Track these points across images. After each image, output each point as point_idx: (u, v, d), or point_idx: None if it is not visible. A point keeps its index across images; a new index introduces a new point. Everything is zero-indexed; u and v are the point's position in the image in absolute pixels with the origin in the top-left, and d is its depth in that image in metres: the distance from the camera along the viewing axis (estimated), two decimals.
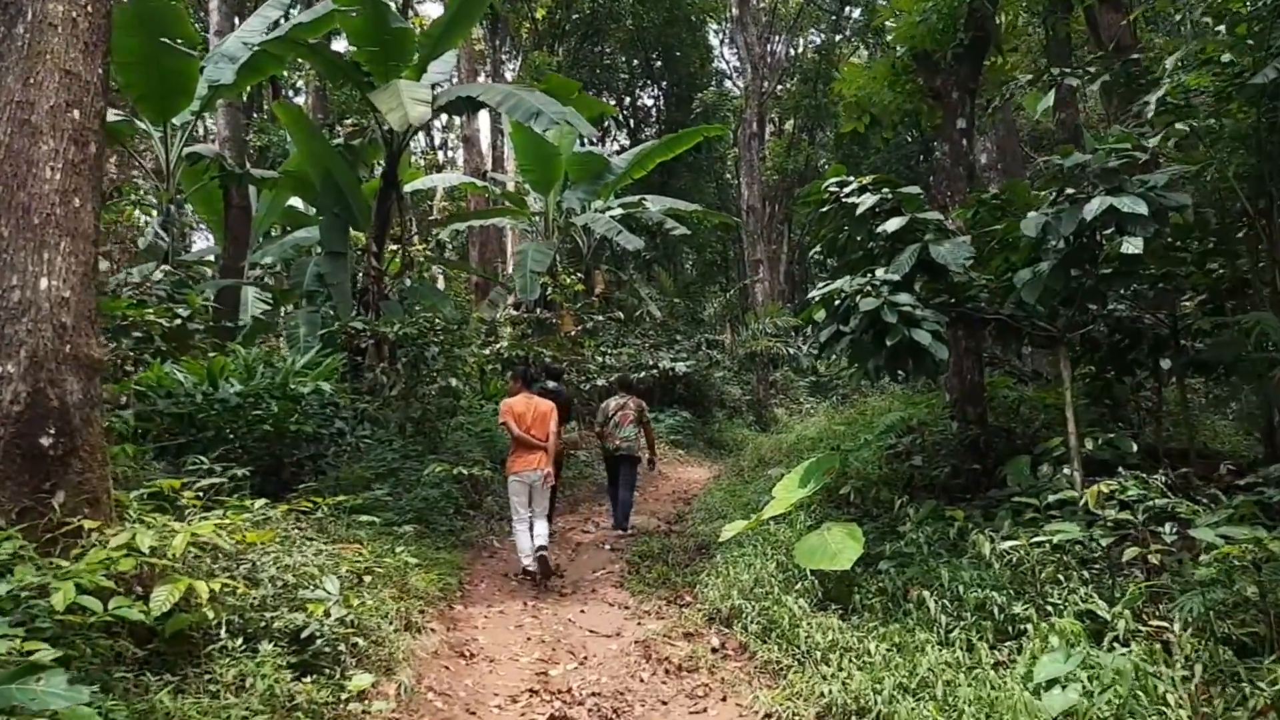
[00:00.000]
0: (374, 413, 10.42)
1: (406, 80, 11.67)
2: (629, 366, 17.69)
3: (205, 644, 4.34)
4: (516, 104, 11.21)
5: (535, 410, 8.81)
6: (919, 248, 6.96)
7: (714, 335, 22.05)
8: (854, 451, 9.75)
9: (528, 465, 8.61)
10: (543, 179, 17.88)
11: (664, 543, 9.53)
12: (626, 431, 10.34)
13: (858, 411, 12.85)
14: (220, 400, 7.79)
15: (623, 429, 10.35)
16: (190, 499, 5.14)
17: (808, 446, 11.77)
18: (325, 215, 12.70)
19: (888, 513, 8.32)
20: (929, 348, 6.53)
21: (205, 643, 4.35)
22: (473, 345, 12.91)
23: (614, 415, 10.45)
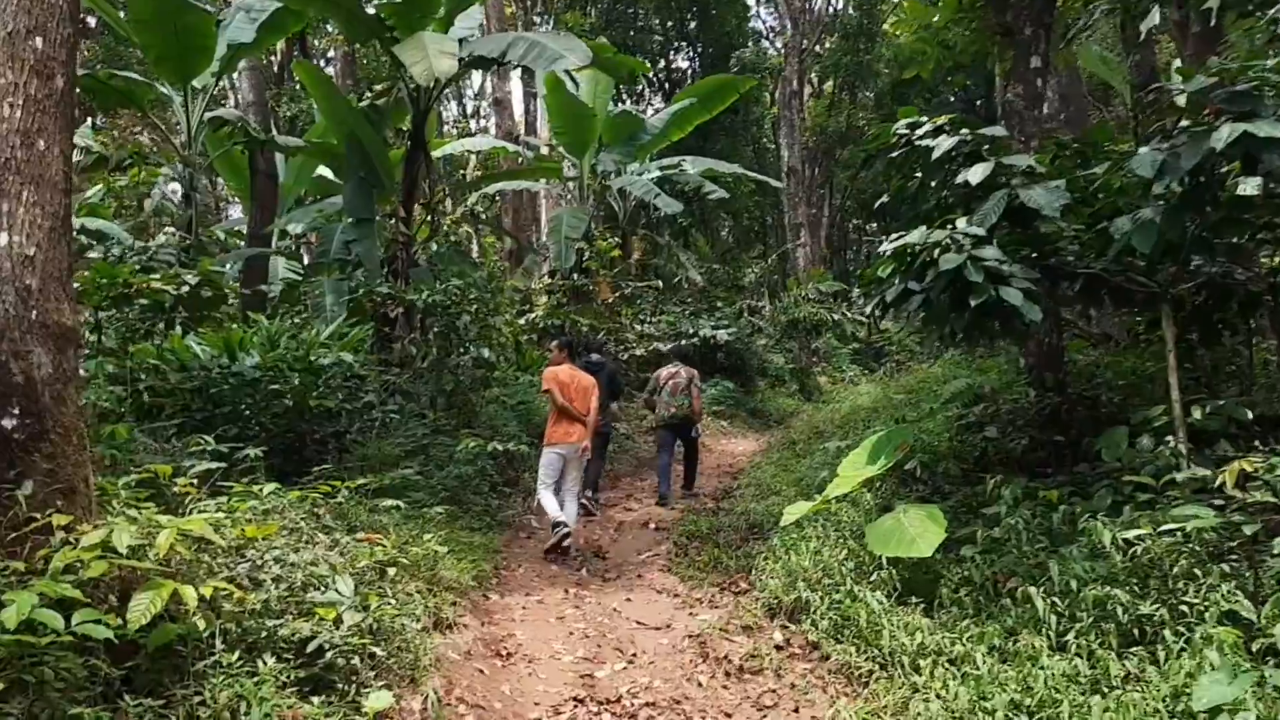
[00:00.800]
0: (404, 385, 9.74)
1: (432, 33, 10.89)
2: (668, 335, 16.94)
3: (196, 659, 3.66)
4: (540, 53, 10.35)
5: (578, 382, 8.47)
6: (1005, 194, 6.12)
7: (755, 302, 21.16)
8: (918, 422, 8.94)
9: (567, 437, 8.24)
10: (577, 141, 17.05)
11: (713, 521, 8.79)
12: (679, 399, 10.22)
13: (916, 380, 11.99)
14: (236, 374, 7.12)
15: (675, 396, 10.23)
16: (185, 486, 4.44)
17: (864, 417, 10.96)
18: (350, 180, 11.99)
19: (959, 490, 7.56)
20: (1020, 309, 5.69)
21: (196, 658, 3.66)
22: (507, 314, 12.17)
23: (665, 384, 10.34)
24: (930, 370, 12.13)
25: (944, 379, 10.89)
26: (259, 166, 14.51)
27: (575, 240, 15.45)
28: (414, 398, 9.96)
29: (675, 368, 10.54)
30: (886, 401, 11.21)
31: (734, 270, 22.00)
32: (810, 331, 21.27)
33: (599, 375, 9.62)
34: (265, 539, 4.33)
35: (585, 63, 10.26)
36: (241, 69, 14.90)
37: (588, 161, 17.65)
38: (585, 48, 10.57)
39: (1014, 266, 6.00)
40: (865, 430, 9.87)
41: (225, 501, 4.76)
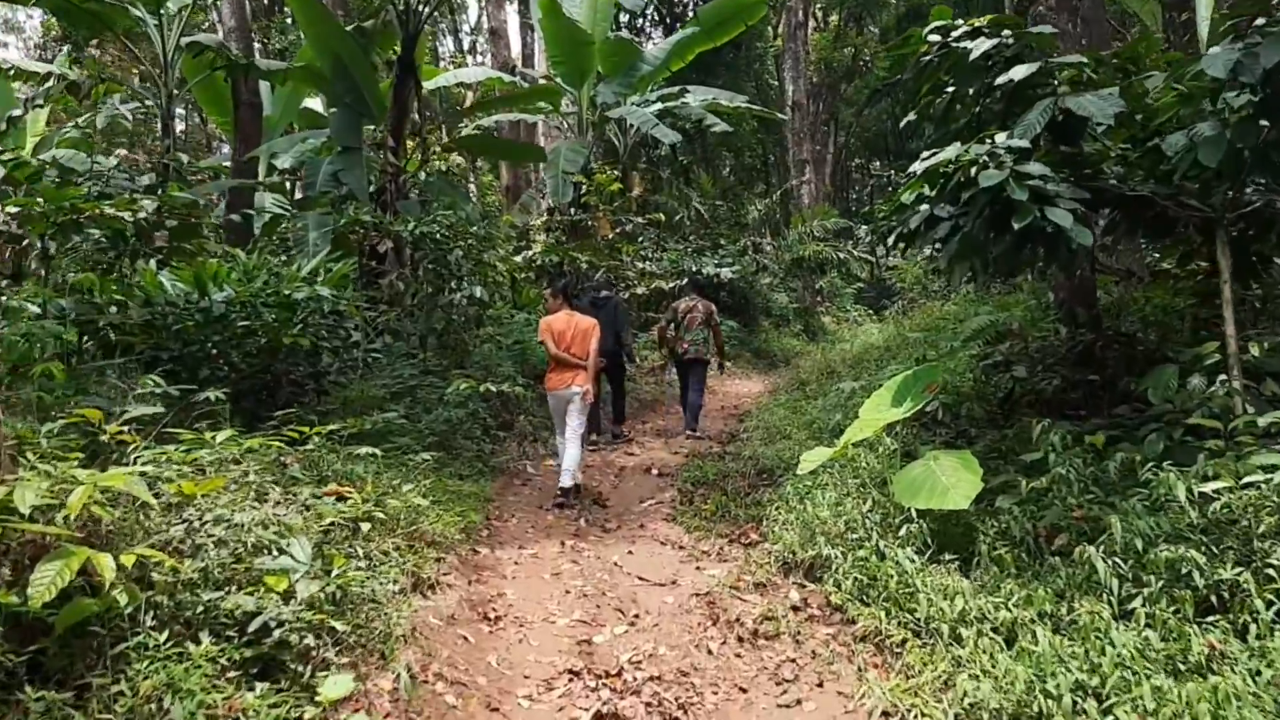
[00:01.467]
0: (392, 324, 9.08)
1: None
2: (670, 272, 16.22)
3: (117, 641, 3.04)
4: None
5: (576, 327, 8.02)
6: (1051, 103, 5.38)
7: (759, 239, 20.38)
8: (939, 361, 8.29)
9: (563, 383, 7.85)
10: (574, 70, 16.16)
11: (719, 467, 8.17)
12: (695, 334, 9.87)
13: (931, 317, 11.30)
14: (203, 310, 6.44)
15: (691, 331, 9.87)
16: (114, 433, 3.79)
17: (877, 357, 10.30)
18: (336, 107, 11.20)
19: (985, 433, 6.94)
20: (1069, 232, 5.00)
21: (117, 639, 3.05)
22: (501, 250, 11.46)
23: (683, 318, 9.95)
24: (945, 308, 11.45)
25: (961, 316, 10.22)
26: (242, 96, 13.66)
27: (572, 175, 14.65)
28: (403, 336, 9.32)
29: (692, 300, 10.12)
30: (901, 340, 10.54)
31: (737, 207, 21.13)
32: (815, 270, 20.53)
33: (607, 308, 9.60)
34: (208, 495, 3.69)
35: None
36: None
37: (586, 93, 16.77)
38: None
39: (1060, 185, 5.30)
40: (880, 370, 9.25)
41: (173, 451, 4.11)
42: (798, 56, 23.20)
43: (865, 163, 42.54)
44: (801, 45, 23.35)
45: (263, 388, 6.57)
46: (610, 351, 9.60)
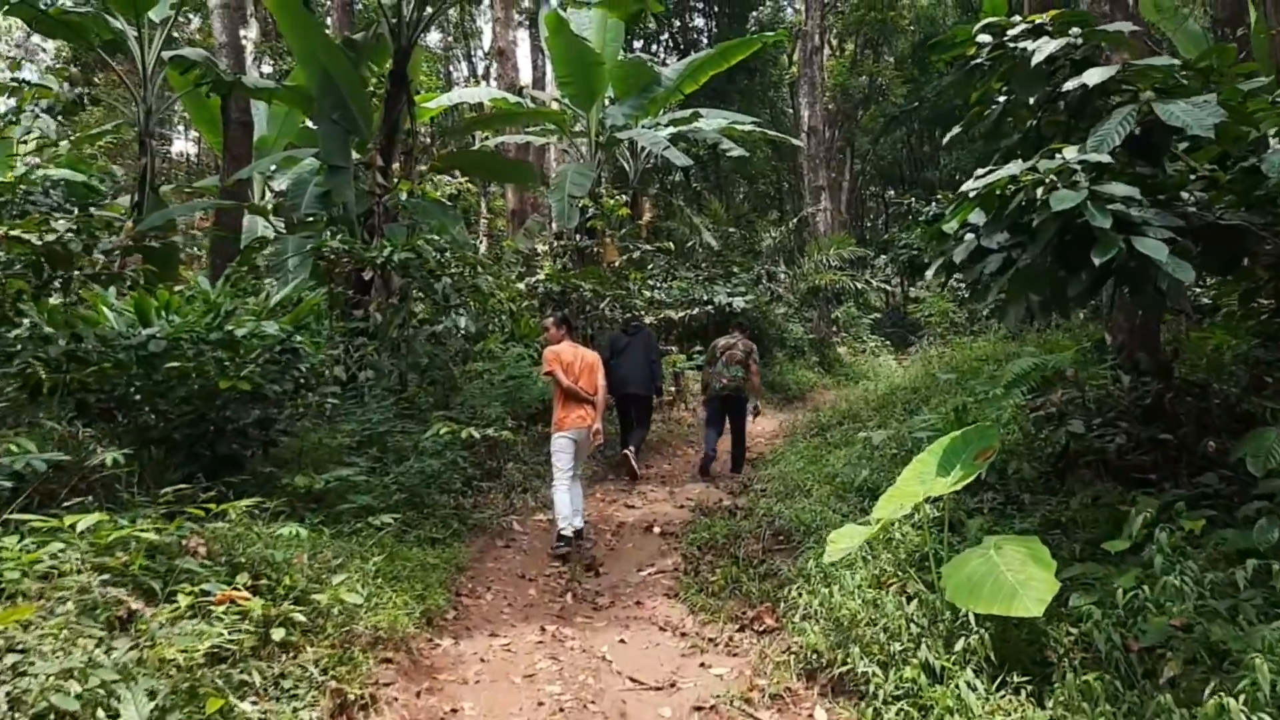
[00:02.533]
0: (371, 360, 8.06)
1: None
2: (680, 301, 15.18)
3: None
4: None
5: (583, 360, 7.35)
6: (1133, 110, 4.32)
7: (773, 267, 19.32)
8: (978, 407, 7.20)
9: (580, 421, 7.15)
10: (583, 92, 15.20)
11: (729, 526, 7.08)
12: (733, 370, 9.29)
13: (961, 356, 10.17)
14: (129, 347, 5.42)
15: (730, 368, 9.32)
16: None
17: (904, 400, 9.20)
18: (323, 123, 10.23)
19: (1040, 500, 5.85)
20: (1164, 267, 3.93)
21: None
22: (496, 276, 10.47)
23: (721, 354, 9.46)
24: (976, 346, 10.33)
25: (998, 357, 9.13)
26: (232, 115, 12.78)
27: (579, 199, 13.66)
28: (384, 374, 8.30)
29: (733, 338, 9.59)
30: (930, 382, 9.44)
31: (750, 235, 20.10)
32: (831, 300, 19.47)
33: (638, 337, 9.43)
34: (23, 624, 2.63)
35: None
36: (214, 7, 13.10)
37: (595, 114, 15.81)
38: None
39: (1147, 210, 4.23)
40: (910, 418, 8.16)
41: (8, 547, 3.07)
42: (814, 82, 22.21)
43: (880, 191, 41.54)
44: (817, 70, 22.37)
45: (198, 439, 5.53)
46: (641, 381, 9.30)
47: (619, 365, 9.19)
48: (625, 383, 9.21)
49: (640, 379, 9.34)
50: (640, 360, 9.37)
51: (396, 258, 7.61)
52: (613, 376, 9.09)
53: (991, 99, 5.28)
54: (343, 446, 6.48)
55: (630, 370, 9.28)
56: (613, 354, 9.31)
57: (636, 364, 9.34)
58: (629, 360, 9.33)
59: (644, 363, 9.39)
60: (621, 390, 9.20)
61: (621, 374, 9.18)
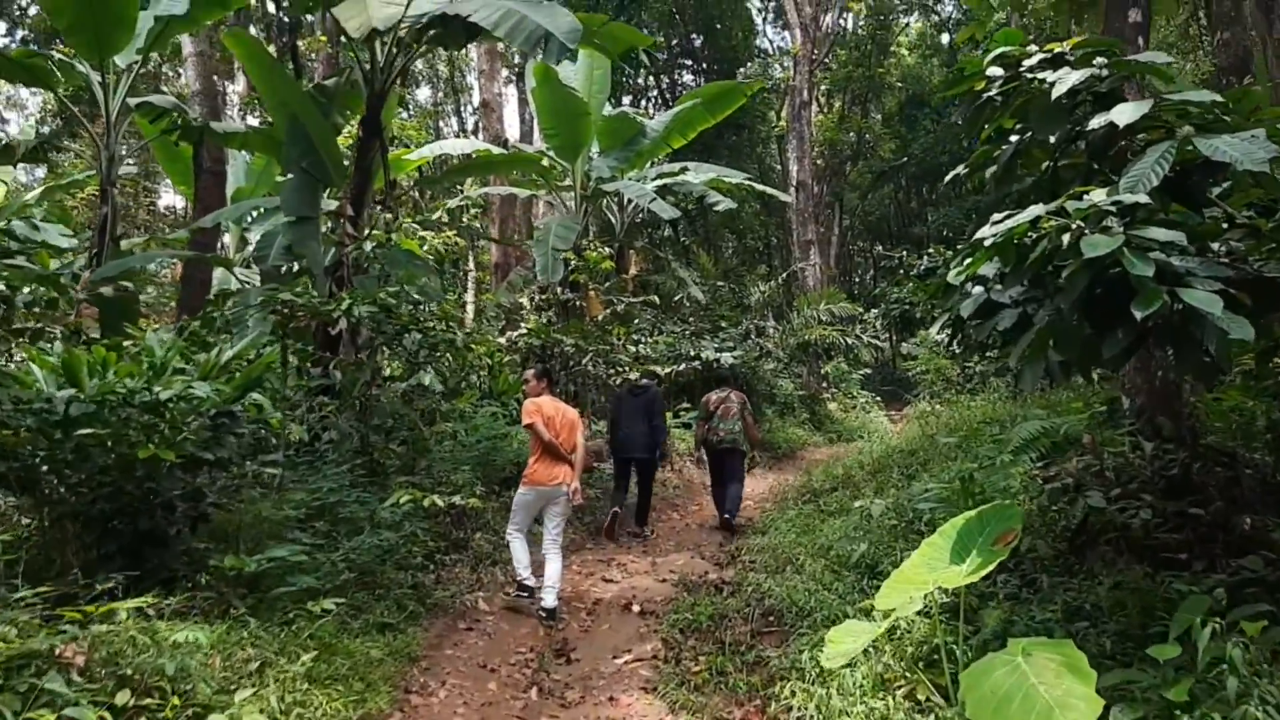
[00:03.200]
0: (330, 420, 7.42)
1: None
2: (666, 357, 14.59)
3: None
4: (516, 25, 8.07)
5: (564, 415, 6.99)
6: (1171, 146, 3.75)
7: (762, 322, 18.77)
8: (984, 473, 6.57)
9: (554, 478, 6.73)
10: (569, 143, 14.76)
11: (714, 603, 6.40)
12: (730, 424, 9.28)
13: (960, 416, 9.55)
14: (39, 410, 4.77)
15: (725, 421, 9.30)
16: None
17: (902, 463, 8.56)
18: (291, 172, 9.69)
19: (1059, 581, 5.20)
20: (1218, 323, 3.33)
21: None
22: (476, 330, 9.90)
23: (716, 409, 9.41)
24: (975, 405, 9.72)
25: (999, 418, 8.53)
26: (204, 164, 12.31)
27: (563, 251, 13.13)
28: (346, 436, 7.65)
29: (724, 392, 9.58)
30: (928, 444, 8.82)
31: (739, 289, 19.60)
32: (821, 355, 18.92)
33: (643, 399, 9.16)
34: None
35: (573, 43, 7.95)
36: (188, 55, 12.69)
37: (581, 166, 15.36)
38: (575, 22, 8.29)
39: (1189, 258, 3.66)
40: (909, 484, 7.52)
41: None
42: (802, 136, 21.92)
43: (869, 246, 41.31)
44: (806, 125, 22.10)
45: (116, 514, 4.85)
46: (644, 445, 8.98)
47: (623, 427, 9.04)
48: (628, 445, 9.01)
49: (644, 442, 9.02)
50: (645, 422, 9.05)
51: (358, 311, 6.99)
52: (616, 438, 9.12)
53: (1003, 139, 4.73)
54: (289, 520, 5.79)
55: (634, 433, 9.02)
56: (618, 415, 9.19)
57: (641, 426, 9.03)
58: (633, 422, 9.05)
59: (646, 428, 9.04)
60: (625, 453, 9.05)
61: (625, 436, 9.01)
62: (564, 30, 8.19)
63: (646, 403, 9.14)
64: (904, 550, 6.05)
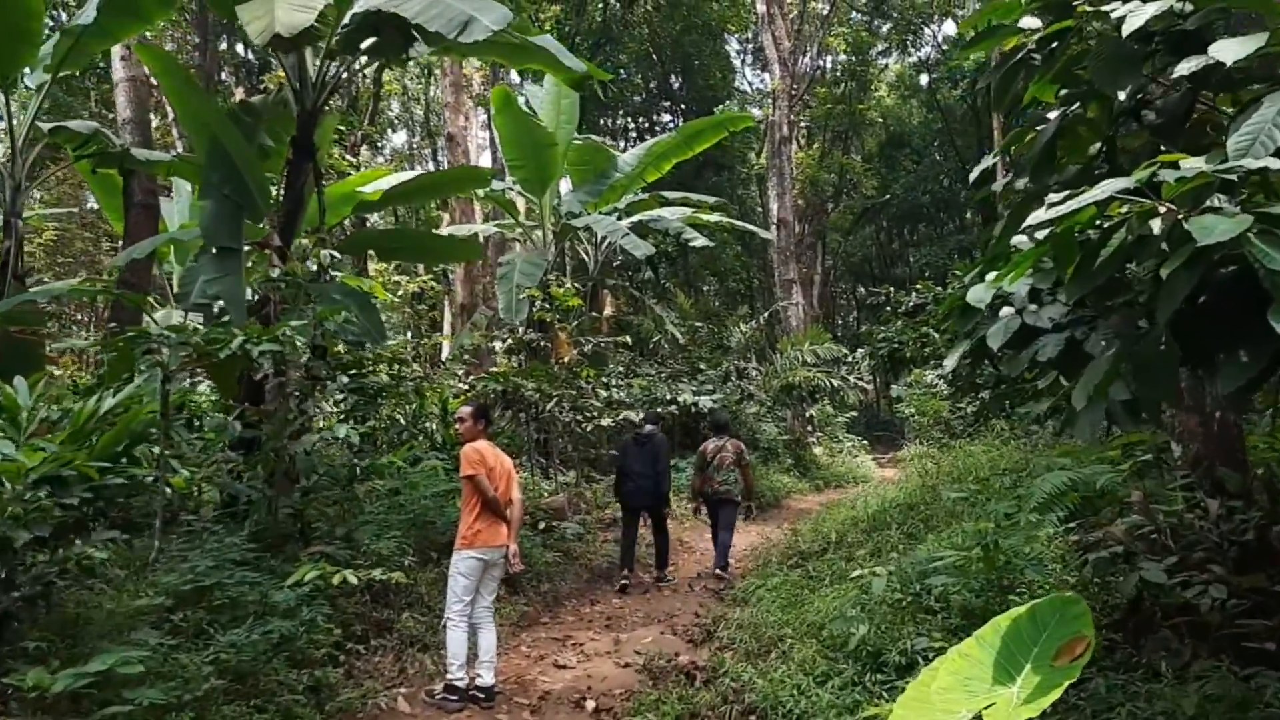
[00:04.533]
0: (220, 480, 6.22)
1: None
2: (641, 401, 13.42)
3: None
4: (440, 13, 7.03)
5: (502, 465, 5.86)
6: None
7: (744, 363, 17.64)
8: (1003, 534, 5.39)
9: (494, 539, 5.61)
10: (535, 175, 13.69)
11: (684, 699, 5.16)
12: (726, 474, 8.98)
13: (963, 463, 8.35)
14: None
15: (721, 471, 8.99)
16: None
17: (901, 521, 7.35)
18: (210, 199, 8.54)
19: (1113, 679, 4.02)
20: None
21: None
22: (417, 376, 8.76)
23: (712, 458, 9.05)
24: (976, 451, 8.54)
25: (1011, 467, 7.38)
26: (134, 197, 11.17)
27: (526, 289, 12.01)
28: (246, 498, 6.43)
29: (720, 440, 9.20)
30: (929, 496, 7.62)
31: (719, 329, 18.50)
32: (806, 398, 17.78)
33: (649, 446, 8.82)
34: None
35: (499, 25, 6.91)
36: (118, 81, 11.59)
37: (549, 200, 14.29)
38: (507, 12, 7.25)
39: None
40: (912, 546, 6.33)
41: None
42: (782, 173, 20.99)
43: (850, 288, 40.48)
44: (786, 161, 21.19)
45: None
46: (653, 494, 8.71)
47: (630, 478, 8.75)
48: (637, 496, 8.72)
49: (653, 491, 8.76)
50: (651, 473, 8.75)
51: (257, 350, 5.78)
52: (624, 489, 8.80)
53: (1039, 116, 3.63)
54: (147, 610, 4.56)
55: (642, 484, 8.71)
56: (624, 466, 8.89)
57: (648, 476, 8.74)
58: (641, 471, 8.74)
59: (652, 476, 8.75)
60: (633, 503, 8.76)
61: (633, 488, 8.71)
62: (492, 17, 7.14)
63: (653, 451, 8.83)
64: (914, 635, 4.86)
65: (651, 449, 8.85)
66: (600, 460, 12.25)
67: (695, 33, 25.72)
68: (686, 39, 25.99)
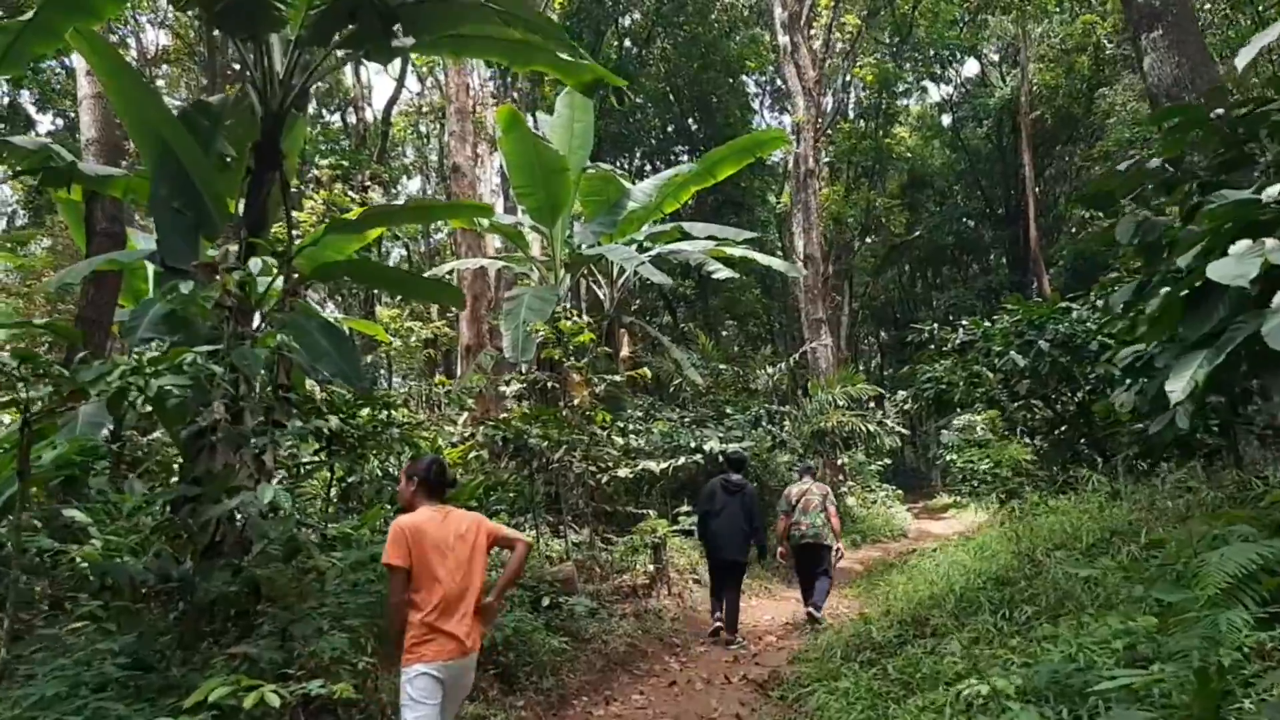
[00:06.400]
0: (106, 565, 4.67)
1: None
2: (660, 449, 11.83)
3: None
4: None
5: (455, 532, 4.00)
6: None
7: (776, 407, 15.99)
8: (1176, 632, 3.75)
9: (442, 650, 3.83)
10: (546, 204, 12.27)
11: None
12: (813, 517, 8.75)
13: (1059, 524, 6.61)
14: None
15: (808, 515, 8.77)
16: None
17: (992, 597, 5.64)
18: (160, 215, 7.11)
19: None
20: None
21: None
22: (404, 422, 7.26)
23: (797, 502, 8.90)
24: (1061, 508, 6.84)
25: (1122, 530, 5.72)
26: (98, 224, 9.78)
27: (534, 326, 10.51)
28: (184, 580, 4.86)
29: (806, 484, 9.07)
30: (1027, 567, 5.92)
31: (744, 370, 16.89)
32: (840, 444, 16.11)
33: (738, 497, 8.35)
34: None
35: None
36: (82, 98, 10.29)
37: (560, 231, 12.85)
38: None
39: None
40: (1025, 637, 4.65)
41: None
42: (808, 207, 19.55)
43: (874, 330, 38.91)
44: (813, 195, 19.76)
45: None
46: (740, 548, 8.27)
47: (714, 527, 8.34)
48: (725, 548, 8.28)
49: (741, 545, 8.33)
50: (739, 523, 8.29)
51: (155, 386, 4.24)
52: (709, 539, 8.43)
53: None
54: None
55: (728, 534, 8.28)
56: (708, 513, 8.46)
57: (735, 527, 8.28)
58: (727, 523, 8.30)
59: (741, 525, 8.30)
60: (720, 556, 8.33)
61: (722, 539, 8.28)
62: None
63: (745, 502, 8.37)
64: None
65: (743, 499, 8.36)
66: (618, 517, 10.62)
67: (713, 70, 24.52)
68: (704, 77, 24.79)
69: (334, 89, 28.92)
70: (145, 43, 24.12)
